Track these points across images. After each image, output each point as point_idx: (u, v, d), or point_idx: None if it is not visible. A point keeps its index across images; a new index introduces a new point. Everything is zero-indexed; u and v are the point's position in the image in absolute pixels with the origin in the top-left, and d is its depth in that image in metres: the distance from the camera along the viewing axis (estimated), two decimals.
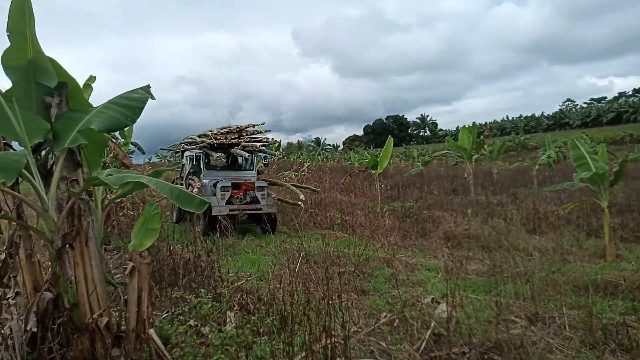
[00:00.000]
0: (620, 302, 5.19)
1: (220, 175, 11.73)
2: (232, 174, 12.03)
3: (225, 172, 12.07)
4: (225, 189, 10.65)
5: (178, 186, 3.42)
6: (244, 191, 10.95)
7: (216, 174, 11.79)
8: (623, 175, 7.76)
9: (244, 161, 12.89)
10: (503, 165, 26.68)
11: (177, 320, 3.71)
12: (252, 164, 12.61)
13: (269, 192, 11.36)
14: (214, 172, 11.92)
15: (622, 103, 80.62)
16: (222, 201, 10.55)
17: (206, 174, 11.55)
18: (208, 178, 11.35)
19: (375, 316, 5.04)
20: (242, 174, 12.21)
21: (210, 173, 11.73)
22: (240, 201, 10.84)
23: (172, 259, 5.73)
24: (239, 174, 12.13)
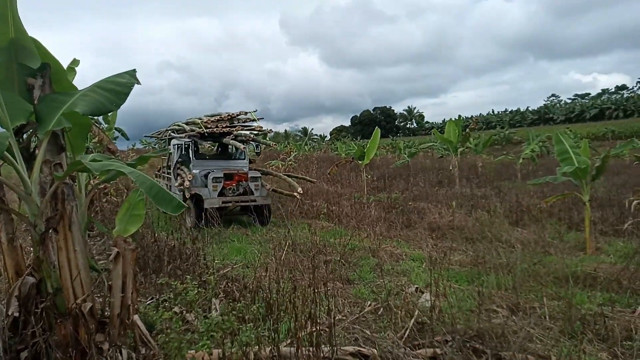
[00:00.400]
0: (598, 293, 5.33)
1: (211, 165, 11.19)
2: (222, 163, 11.52)
3: (215, 162, 11.51)
4: (217, 180, 10.21)
5: (158, 183, 3.34)
6: (236, 182, 10.52)
7: (206, 163, 11.23)
8: (604, 170, 7.91)
9: (235, 150, 12.37)
10: (488, 158, 26.96)
11: (162, 306, 3.69)
12: (243, 153, 12.01)
13: (262, 183, 10.97)
14: (203, 161, 11.34)
15: (605, 100, 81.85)
16: (214, 193, 10.10)
17: (196, 163, 10.90)
18: (198, 168, 10.77)
19: (360, 305, 5.09)
20: (233, 163, 11.69)
21: (200, 163, 11.10)
22: (233, 192, 10.42)
23: (157, 246, 5.68)
24: (230, 164, 11.58)
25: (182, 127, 11.39)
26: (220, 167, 10.90)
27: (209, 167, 10.89)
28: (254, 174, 10.87)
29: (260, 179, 10.86)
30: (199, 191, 9.92)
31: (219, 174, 10.29)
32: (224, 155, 12.36)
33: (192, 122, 11.18)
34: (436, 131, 20.11)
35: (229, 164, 11.51)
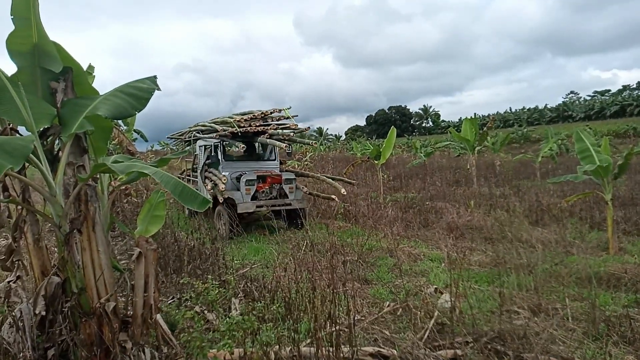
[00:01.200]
0: (623, 294, 5.21)
1: (241, 166, 10.46)
2: (253, 165, 10.75)
3: (245, 163, 10.73)
4: (251, 183, 9.46)
5: (182, 182, 3.38)
6: (269, 184, 9.73)
7: (236, 165, 10.51)
8: (627, 168, 7.74)
9: (263, 150, 11.71)
10: (506, 157, 26.61)
11: (183, 306, 3.73)
12: (273, 152, 11.29)
13: (297, 185, 10.17)
14: (233, 163, 10.62)
15: (626, 96, 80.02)
16: (247, 196, 9.34)
17: (225, 165, 10.20)
18: (228, 170, 10.05)
19: (378, 305, 5.07)
20: (264, 164, 10.93)
21: (230, 165, 10.37)
22: (266, 195, 9.68)
23: (177, 246, 5.75)
24: (260, 165, 10.83)
25: (210, 127, 10.70)
26: (251, 169, 10.21)
27: (240, 169, 10.24)
28: (289, 175, 10.12)
29: (295, 181, 10.10)
30: (232, 195, 9.25)
31: (251, 176, 9.56)
32: (253, 156, 11.65)
33: (223, 121, 10.48)
34: (453, 130, 19.92)
35: (260, 165, 10.84)
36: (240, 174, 9.87)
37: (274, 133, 9.66)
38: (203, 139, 11.05)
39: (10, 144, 2.75)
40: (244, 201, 9.23)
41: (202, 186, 10.27)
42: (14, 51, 3.49)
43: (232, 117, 10.18)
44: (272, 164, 11.05)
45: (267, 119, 10.23)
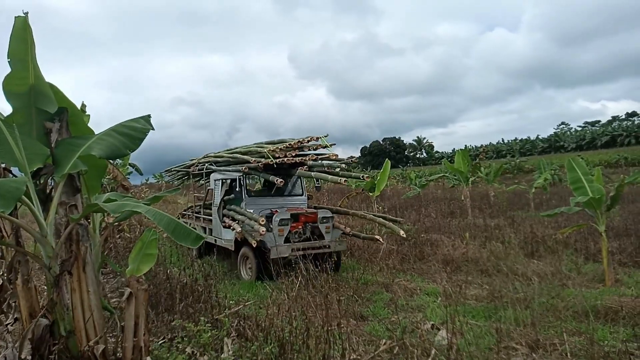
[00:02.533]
0: (621, 328, 5.15)
1: (265, 203, 9.11)
2: (278, 201, 9.43)
3: (269, 200, 9.37)
4: (284, 223, 8.11)
5: (175, 218, 3.37)
6: (302, 224, 8.42)
7: (260, 202, 9.13)
8: (619, 199, 7.79)
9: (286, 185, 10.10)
10: (500, 187, 26.76)
11: (175, 347, 3.65)
12: (301, 187, 10.05)
13: (334, 225, 8.76)
14: (256, 199, 9.24)
15: (616, 127, 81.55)
16: (280, 238, 7.95)
17: (249, 202, 8.88)
18: (252, 207, 8.62)
19: (374, 343, 4.97)
20: (290, 200, 9.63)
21: (253, 201, 9.01)
22: (299, 237, 8.34)
23: (169, 284, 5.66)
24: (287, 201, 9.52)
25: (232, 158, 9.44)
26: (277, 206, 8.99)
27: (265, 206, 8.86)
28: (325, 213, 8.69)
29: (332, 219, 8.73)
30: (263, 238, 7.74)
31: (285, 215, 8.19)
32: (276, 191, 9.92)
33: (248, 151, 9.12)
34: (446, 161, 20.10)
35: (286, 201, 9.52)
36: (269, 211, 8.55)
37: (314, 165, 8.25)
38: (220, 171, 9.76)
39: (3, 186, 2.75)
40: (276, 243, 7.87)
41: (219, 225, 9.26)
42: (10, 92, 3.54)
43: (262, 146, 8.85)
44: (300, 199, 9.78)
45: (304, 149, 8.85)
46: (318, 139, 8.68)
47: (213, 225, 9.68)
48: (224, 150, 10.51)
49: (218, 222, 9.35)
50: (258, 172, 8.48)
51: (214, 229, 9.64)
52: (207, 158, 10.95)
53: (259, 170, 8.34)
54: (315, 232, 8.53)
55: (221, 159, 10.03)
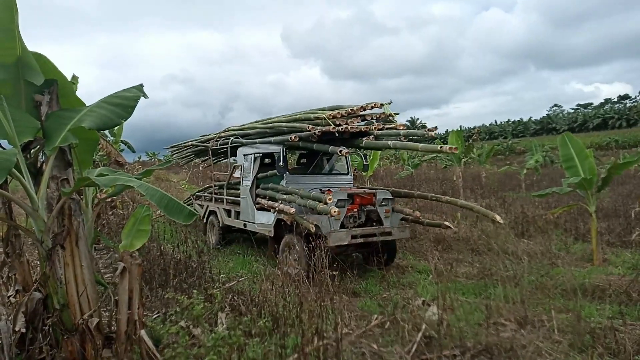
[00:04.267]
0: (607, 305, 5.26)
1: (308, 182, 7.83)
2: (322, 179, 8.25)
3: (311, 178, 8.16)
4: (341, 205, 6.72)
5: (167, 194, 3.34)
6: (358, 206, 7.08)
7: (301, 180, 7.85)
8: (610, 180, 7.87)
9: (324, 161, 9.21)
10: (491, 169, 26.91)
11: (168, 321, 3.68)
12: (346, 164, 8.81)
13: (394, 208, 7.50)
14: (298, 177, 7.98)
15: (608, 109, 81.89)
16: (336, 223, 6.66)
17: (290, 180, 7.62)
18: (292, 187, 7.29)
19: (366, 318, 5.05)
20: (335, 180, 8.42)
21: (294, 179, 7.75)
22: (354, 221, 6.98)
23: (162, 260, 5.68)
24: (332, 180, 8.32)
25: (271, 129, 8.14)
26: (320, 186, 7.74)
27: (307, 186, 7.52)
28: (384, 194, 7.37)
29: (392, 202, 7.47)
30: (317, 221, 6.48)
31: (342, 194, 6.81)
32: (315, 169, 8.97)
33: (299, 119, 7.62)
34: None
35: (331, 181, 8.30)
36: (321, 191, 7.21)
37: (382, 134, 6.85)
38: (251, 145, 8.52)
39: None
40: (331, 229, 6.55)
41: (250, 207, 8.07)
42: None
43: (315, 112, 7.39)
44: (345, 179, 8.60)
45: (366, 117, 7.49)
46: (382, 105, 7.22)
47: (242, 207, 8.45)
48: (254, 122, 9.36)
49: (250, 203, 8.08)
50: (310, 142, 6.99)
51: (242, 212, 8.42)
52: (231, 131, 9.76)
53: (312, 140, 6.92)
54: (371, 216, 7.21)
55: (252, 131, 8.75)
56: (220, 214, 9.38)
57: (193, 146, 11.27)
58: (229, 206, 9.16)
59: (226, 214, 9.22)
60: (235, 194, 9.02)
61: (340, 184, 8.30)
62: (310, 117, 7.21)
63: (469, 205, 7.41)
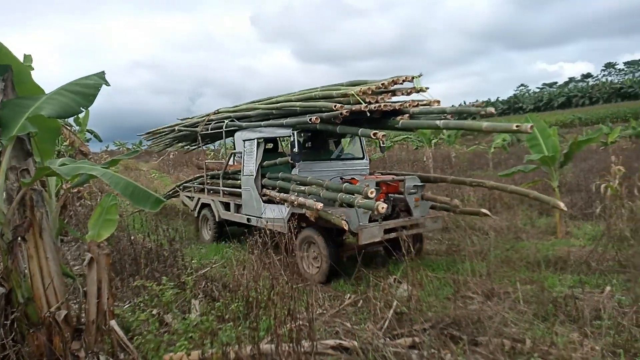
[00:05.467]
0: (569, 275, 5.51)
1: (322, 169, 6.97)
2: (336, 166, 7.34)
3: (325, 164, 7.21)
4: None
5: (133, 181, 3.27)
6: (384, 195, 6.38)
7: (314, 167, 6.93)
8: (572, 156, 8.17)
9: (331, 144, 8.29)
10: (461, 148, 27.44)
11: (139, 309, 3.65)
12: (361, 148, 7.88)
13: (423, 196, 6.64)
14: (311, 164, 6.96)
15: (572, 88, 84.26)
16: (365, 216, 5.76)
17: (303, 168, 6.73)
18: (308, 174, 6.52)
19: (340, 298, 5.14)
20: (350, 165, 7.52)
21: (308, 166, 6.82)
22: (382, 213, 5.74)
23: (133, 249, 5.60)
24: (347, 167, 7.42)
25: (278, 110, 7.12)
26: (336, 173, 7.05)
27: (321, 174, 6.69)
28: (413, 180, 6.51)
29: (422, 189, 6.61)
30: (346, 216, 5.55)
31: (371, 183, 5.77)
32: (325, 154, 7.91)
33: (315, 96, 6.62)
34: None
35: (346, 166, 7.43)
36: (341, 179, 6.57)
37: (417, 112, 5.93)
38: (253, 128, 7.53)
39: None
40: (360, 222, 5.68)
41: (256, 199, 7.21)
42: None
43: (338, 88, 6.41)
44: (361, 164, 7.65)
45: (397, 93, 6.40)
46: (412, 79, 6.18)
47: (244, 199, 7.57)
48: (252, 102, 8.34)
49: (255, 195, 7.21)
50: (333, 124, 6.02)
51: (245, 205, 7.53)
52: (223, 113, 8.79)
53: (336, 122, 5.93)
54: (398, 205, 6.52)
55: (252, 112, 7.74)
56: (215, 207, 8.48)
57: (177, 131, 10.16)
58: (227, 198, 8.24)
59: (223, 207, 8.34)
60: (234, 184, 8.14)
61: (358, 169, 7.43)
62: (332, 95, 6.22)
63: (523, 192, 6.50)
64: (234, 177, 8.28)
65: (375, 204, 5.06)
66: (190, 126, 9.77)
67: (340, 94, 6.10)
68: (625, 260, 5.77)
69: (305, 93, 7.00)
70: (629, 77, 78.75)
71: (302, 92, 7.16)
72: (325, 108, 5.97)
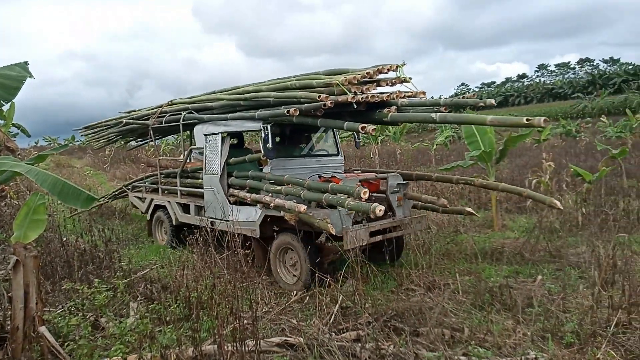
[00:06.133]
0: (504, 266, 5.80)
1: (295, 167, 6.36)
2: (310, 163, 6.68)
3: (297, 162, 6.55)
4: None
5: (62, 178, 3.06)
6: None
7: (287, 164, 6.29)
8: (507, 153, 8.59)
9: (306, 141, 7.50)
10: (405, 145, 28.17)
11: (70, 313, 3.44)
12: (335, 143, 7.24)
13: (405, 194, 6.06)
14: (283, 161, 6.31)
15: (509, 87, 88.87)
16: (349, 218, 5.27)
17: (276, 165, 6.07)
18: (281, 172, 5.96)
19: (286, 295, 5.12)
20: (325, 162, 6.87)
21: (280, 163, 6.18)
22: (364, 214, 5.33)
23: (65, 251, 5.28)
24: (321, 164, 6.77)
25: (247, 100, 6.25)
26: (310, 171, 6.41)
27: (295, 172, 6.13)
28: (396, 178, 6.05)
29: (405, 187, 6.10)
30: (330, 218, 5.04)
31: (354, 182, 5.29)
32: (296, 150, 7.28)
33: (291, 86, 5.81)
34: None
35: (321, 164, 6.78)
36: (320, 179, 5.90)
37: (405, 104, 5.47)
38: (217, 122, 6.71)
39: None
40: (343, 224, 5.16)
41: (221, 201, 6.41)
42: None
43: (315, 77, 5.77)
44: (336, 161, 7.01)
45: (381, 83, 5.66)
46: (397, 68, 5.56)
47: (206, 201, 6.75)
48: (213, 92, 7.46)
49: (220, 196, 6.43)
50: (314, 117, 5.34)
51: (207, 207, 6.74)
52: (178, 104, 7.90)
53: (316, 114, 5.25)
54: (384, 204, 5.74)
55: (215, 104, 6.92)
56: (172, 210, 7.62)
57: (124, 124, 9.05)
58: (186, 199, 7.41)
59: (181, 209, 7.52)
60: (194, 184, 7.29)
61: (333, 167, 6.82)
62: (312, 84, 5.55)
63: (516, 190, 6.00)
64: (193, 175, 7.46)
65: (372, 206, 4.48)
66: (138, 119, 8.74)
67: (321, 83, 5.44)
68: (555, 251, 6.16)
69: (278, 82, 6.25)
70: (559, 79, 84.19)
71: (274, 82, 6.40)
72: (306, 98, 5.30)
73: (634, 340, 3.52)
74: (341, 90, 5.06)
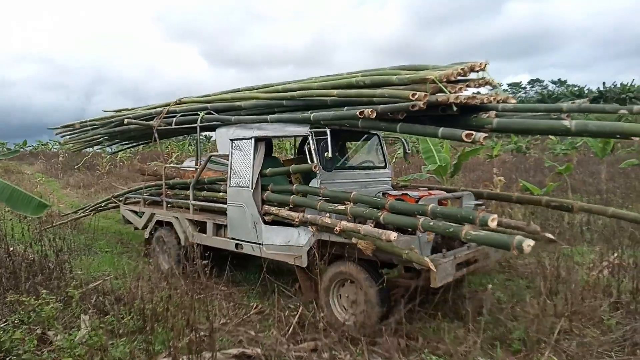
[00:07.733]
0: None
1: (346, 180, 5.23)
2: (359, 176, 5.55)
3: (348, 174, 5.40)
4: None
5: (10, 184, 2.94)
6: None
7: (337, 178, 5.10)
8: (461, 167, 8.93)
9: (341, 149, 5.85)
10: None
11: (14, 327, 3.28)
12: (382, 154, 6.13)
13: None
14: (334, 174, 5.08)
15: None
16: (428, 246, 4.35)
17: (325, 178, 4.91)
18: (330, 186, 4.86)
19: (245, 307, 5.09)
20: (374, 176, 5.77)
21: (330, 177, 5.00)
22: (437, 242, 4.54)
23: (11, 261, 5.02)
24: (370, 177, 5.67)
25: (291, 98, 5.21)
26: (359, 185, 5.32)
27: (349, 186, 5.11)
28: (470, 197, 5.21)
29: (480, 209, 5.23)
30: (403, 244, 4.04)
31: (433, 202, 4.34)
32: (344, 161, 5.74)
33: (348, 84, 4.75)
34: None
35: (370, 177, 5.68)
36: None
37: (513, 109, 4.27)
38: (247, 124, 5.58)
39: None
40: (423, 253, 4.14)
41: (254, 219, 5.28)
42: None
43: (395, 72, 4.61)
44: (384, 175, 5.95)
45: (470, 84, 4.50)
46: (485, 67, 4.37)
47: (231, 218, 5.60)
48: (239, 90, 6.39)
49: (252, 213, 5.30)
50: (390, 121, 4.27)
51: (233, 226, 5.60)
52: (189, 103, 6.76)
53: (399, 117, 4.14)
54: None
55: (244, 103, 5.85)
56: (182, 227, 6.34)
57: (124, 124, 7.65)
58: (202, 216, 6.19)
59: (195, 227, 6.30)
60: (213, 197, 6.07)
61: (381, 181, 5.79)
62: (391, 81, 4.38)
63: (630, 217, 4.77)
64: (211, 187, 6.21)
65: (516, 240, 3.23)
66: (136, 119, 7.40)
67: (405, 79, 4.27)
68: (504, 262, 6.42)
69: (332, 80, 5.04)
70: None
71: (329, 78, 5.21)
72: (389, 97, 4.16)
73: (575, 347, 3.73)
74: (435, 89, 3.99)
